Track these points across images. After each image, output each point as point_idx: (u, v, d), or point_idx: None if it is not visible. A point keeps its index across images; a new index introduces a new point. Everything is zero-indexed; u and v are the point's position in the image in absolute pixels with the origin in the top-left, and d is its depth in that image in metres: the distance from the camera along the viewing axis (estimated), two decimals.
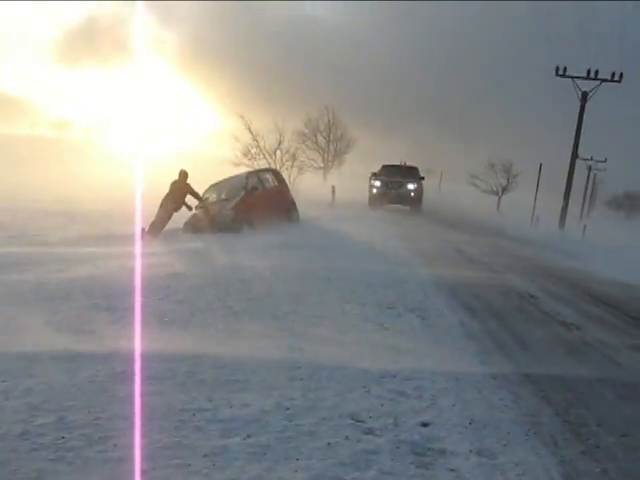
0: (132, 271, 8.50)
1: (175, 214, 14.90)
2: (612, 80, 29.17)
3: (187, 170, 15.33)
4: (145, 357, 5.00)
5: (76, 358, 4.93)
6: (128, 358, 4.97)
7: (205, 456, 3.51)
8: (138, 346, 5.27)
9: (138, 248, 11.37)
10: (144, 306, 6.64)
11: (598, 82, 29.35)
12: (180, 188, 14.93)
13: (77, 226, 14.72)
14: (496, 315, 8.14)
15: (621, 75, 29.05)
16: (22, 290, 7.26)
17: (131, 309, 6.49)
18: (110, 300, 6.93)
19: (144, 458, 3.45)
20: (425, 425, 4.25)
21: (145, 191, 14.20)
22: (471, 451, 3.92)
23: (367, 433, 4.02)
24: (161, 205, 14.59)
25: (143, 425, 3.82)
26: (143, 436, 3.68)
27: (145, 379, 4.55)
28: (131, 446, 3.56)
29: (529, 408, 4.83)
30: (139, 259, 9.60)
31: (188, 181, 15.22)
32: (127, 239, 12.82)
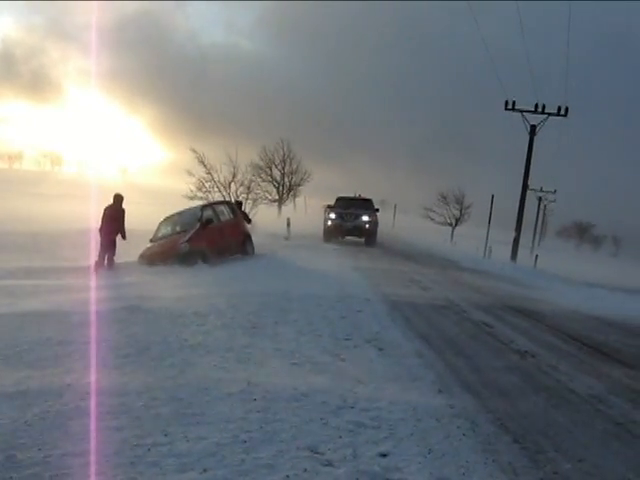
0: (85, 304, 8.35)
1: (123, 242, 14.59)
2: (558, 114, 29.95)
3: (122, 194, 14.81)
4: (100, 391, 4.90)
5: (27, 394, 4.80)
6: (82, 393, 4.86)
7: None
8: (92, 380, 5.16)
9: (91, 281, 11.20)
10: (98, 340, 6.52)
11: (545, 116, 30.12)
12: (116, 215, 14.35)
13: (28, 258, 14.43)
14: (452, 344, 8.20)
15: (567, 109, 29.87)
16: None
17: (85, 343, 6.37)
18: (63, 334, 6.79)
19: None
20: (384, 455, 4.23)
21: (97, 223, 14.09)
22: None
23: (326, 465, 3.98)
24: (100, 234, 14.18)
25: (97, 462, 3.72)
26: (97, 473, 3.59)
27: (100, 414, 4.44)
28: None
29: (487, 436, 4.84)
30: (92, 292, 9.45)
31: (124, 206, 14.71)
32: (80, 271, 12.65)
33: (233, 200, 24.23)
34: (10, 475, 3.49)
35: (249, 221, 20.45)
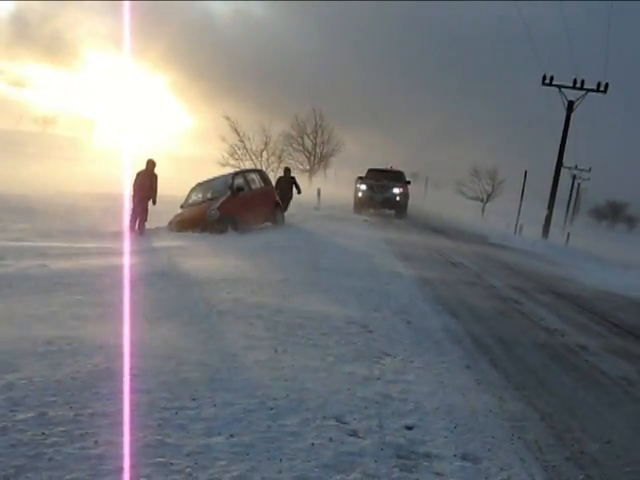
0: (116, 268, 8.43)
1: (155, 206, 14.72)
2: (598, 90, 29.36)
3: (154, 160, 14.95)
4: (129, 354, 4.94)
5: (58, 353, 4.87)
6: (112, 355, 4.91)
7: (188, 455, 3.46)
8: (122, 343, 5.21)
9: (121, 245, 11.30)
10: (127, 303, 6.57)
11: (584, 92, 29.54)
12: (148, 180, 14.51)
13: (59, 222, 14.61)
14: (480, 320, 8.15)
15: (606, 85, 29.25)
16: (3, 284, 7.17)
17: (114, 306, 6.43)
18: (93, 296, 6.86)
19: (125, 456, 3.39)
20: (409, 428, 4.23)
21: (129, 188, 14.21)
22: (455, 455, 3.90)
23: (351, 435, 3.99)
24: (132, 199, 14.32)
25: (125, 422, 3.76)
26: (125, 433, 3.63)
27: (128, 376, 4.49)
28: (112, 443, 3.50)
29: (513, 413, 4.82)
30: (123, 256, 9.54)
31: (156, 171, 14.88)
32: (110, 235, 12.78)
33: (283, 168, 23.91)
34: (42, 431, 3.54)
35: (299, 191, 20.62)
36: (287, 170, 21.62)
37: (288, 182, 20.27)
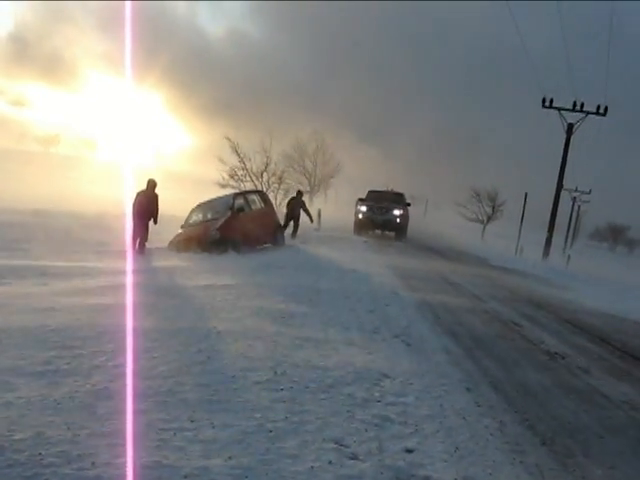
0: (115, 287, 8.42)
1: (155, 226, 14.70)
2: (597, 113, 29.49)
3: (155, 179, 14.87)
4: (127, 374, 4.92)
5: (57, 373, 4.84)
6: (110, 375, 4.89)
7: (185, 477, 3.43)
8: (120, 363, 5.19)
9: (121, 265, 11.29)
10: (126, 323, 6.55)
11: (584, 114, 29.68)
12: (149, 200, 14.46)
13: (61, 241, 14.61)
14: (480, 342, 8.12)
15: (606, 108, 29.39)
16: (4, 303, 7.15)
17: (113, 326, 6.40)
18: (92, 316, 6.84)
19: (123, 477, 3.37)
20: (410, 451, 4.19)
21: (130, 208, 14.21)
22: (456, 479, 3.86)
23: (351, 458, 3.96)
24: (133, 219, 14.21)
25: (123, 443, 3.74)
26: (122, 455, 3.60)
27: (126, 396, 4.46)
28: (110, 464, 3.47)
29: (514, 437, 4.78)
30: (122, 276, 9.52)
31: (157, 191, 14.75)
32: (111, 255, 12.78)
33: (296, 191, 24.63)
34: (39, 451, 3.52)
35: (311, 218, 22.72)
36: (300, 193, 23.06)
37: (299, 205, 21.17)
